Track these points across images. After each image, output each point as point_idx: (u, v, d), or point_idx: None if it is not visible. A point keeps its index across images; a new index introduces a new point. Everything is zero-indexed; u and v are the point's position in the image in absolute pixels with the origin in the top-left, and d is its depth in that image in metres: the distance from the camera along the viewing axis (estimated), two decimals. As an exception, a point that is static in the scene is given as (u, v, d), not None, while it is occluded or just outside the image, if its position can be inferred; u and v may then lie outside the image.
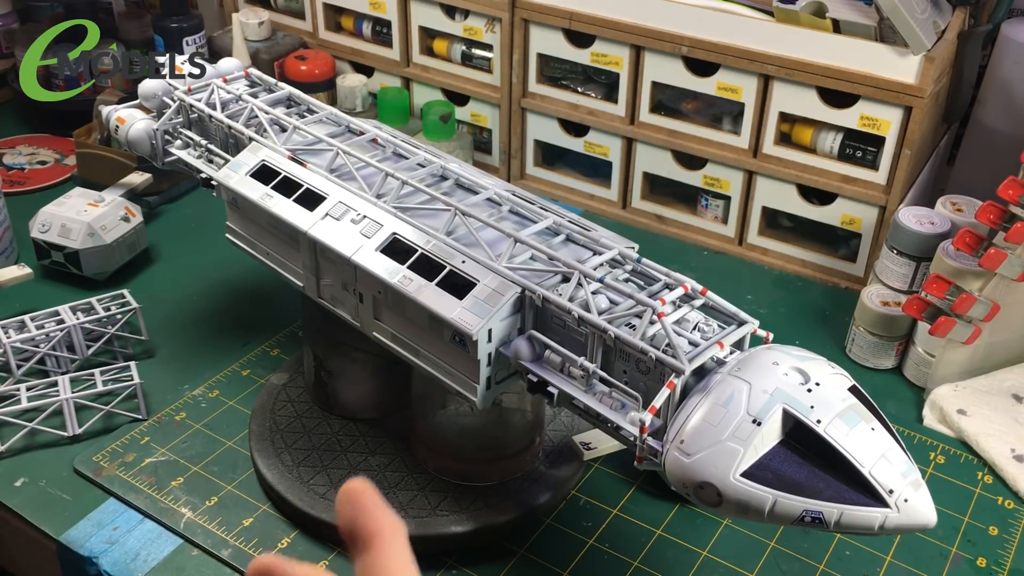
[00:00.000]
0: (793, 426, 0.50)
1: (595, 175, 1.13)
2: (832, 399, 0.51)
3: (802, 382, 0.51)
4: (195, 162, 0.80)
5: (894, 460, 0.50)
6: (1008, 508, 0.76)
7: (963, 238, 0.79)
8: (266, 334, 0.91)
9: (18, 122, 1.27)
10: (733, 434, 0.50)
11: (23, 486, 0.74)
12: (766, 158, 0.99)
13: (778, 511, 0.50)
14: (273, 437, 0.75)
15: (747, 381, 0.51)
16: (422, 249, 0.62)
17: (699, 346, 0.55)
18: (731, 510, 0.51)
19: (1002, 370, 0.86)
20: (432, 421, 0.72)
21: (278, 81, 0.82)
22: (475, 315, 0.58)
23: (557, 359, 0.58)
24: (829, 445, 0.49)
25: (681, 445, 0.51)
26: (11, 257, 0.99)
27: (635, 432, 0.54)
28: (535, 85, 1.09)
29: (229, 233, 0.77)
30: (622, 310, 0.57)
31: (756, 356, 0.53)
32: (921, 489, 0.50)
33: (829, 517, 0.49)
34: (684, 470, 0.51)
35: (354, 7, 1.18)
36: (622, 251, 0.61)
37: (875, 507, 0.49)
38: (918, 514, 0.49)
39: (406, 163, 0.71)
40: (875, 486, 0.49)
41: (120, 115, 0.84)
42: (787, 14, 0.92)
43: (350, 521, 0.35)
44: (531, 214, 0.66)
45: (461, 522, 0.69)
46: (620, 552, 0.70)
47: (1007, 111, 1.00)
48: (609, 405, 0.56)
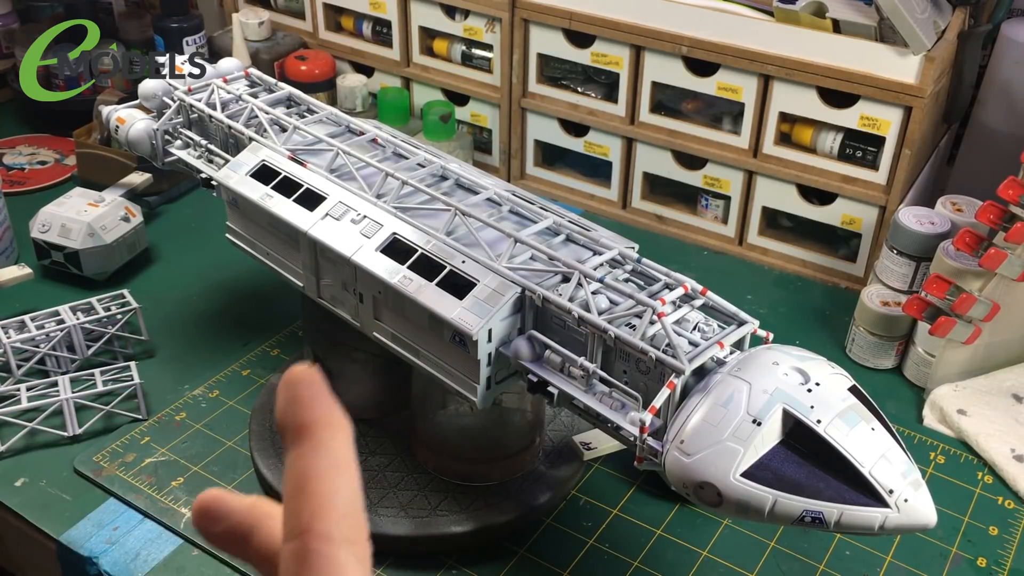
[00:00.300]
0: (793, 426, 0.50)
1: (595, 175, 1.13)
2: (832, 399, 0.51)
3: (802, 382, 0.51)
4: (195, 162, 0.80)
5: (894, 460, 0.50)
6: (1008, 508, 0.76)
7: (963, 238, 0.79)
8: (266, 334, 0.91)
9: (18, 122, 1.27)
10: (733, 434, 0.50)
11: (23, 486, 0.74)
12: (766, 158, 0.99)
13: (778, 511, 0.50)
14: (273, 437, 0.75)
15: (747, 381, 0.51)
16: (422, 249, 0.62)
17: (699, 346, 0.55)
18: (731, 510, 0.51)
19: (1002, 370, 0.86)
20: (432, 421, 0.72)
21: (278, 81, 0.82)
22: (475, 315, 0.58)
23: (557, 359, 0.58)
24: (829, 445, 0.49)
25: (681, 445, 0.51)
26: (11, 257, 0.99)
27: (635, 432, 0.54)
28: (535, 85, 1.09)
29: (229, 233, 0.77)
30: (622, 310, 0.57)
31: (756, 356, 0.53)
32: (921, 489, 0.50)
33: (829, 517, 0.49)
34: (684, 470, 0.51)
35: (354, 7, 1.18)
36: (622, 251, 0.62)
37: (875, 507, 0.49)
38: (918, 514, 0.50)
39: (406, 163, 0.71)
40: (875, 486, 0.49)
41: (120, 115, 0.85)
42: (787, 14, 0.92)
43: (283, 410, 0.29)
44: (531, 214, 0.66)
45: (461, 522, 0.69)
46: (620, 552, 0.70)
47: (1007, 111, 1.00)
48: (609, 405, 0.56)
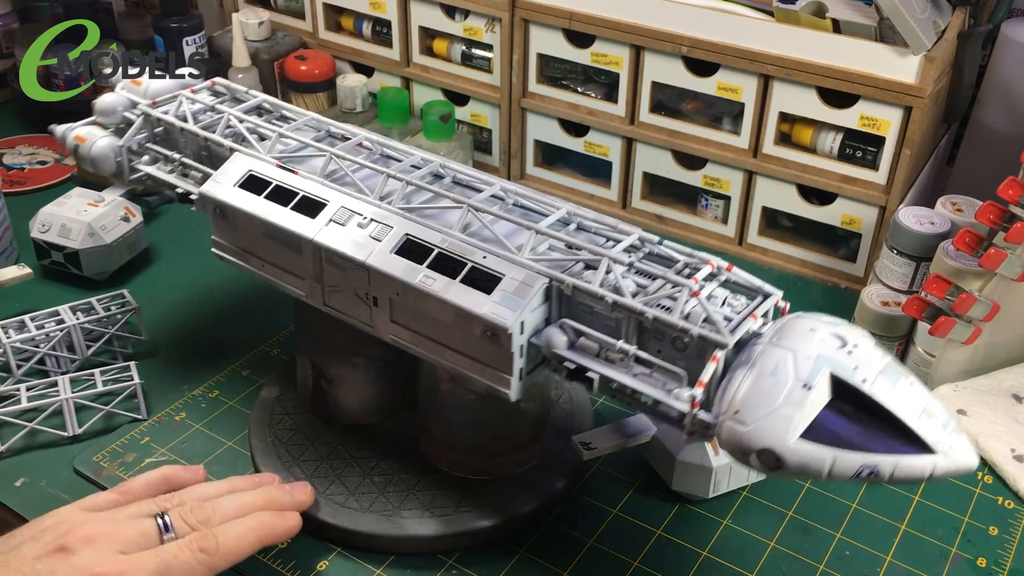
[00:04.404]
0: (839, 387, 0.53)
1: (595, 175, 1.13)
2: (871, 359, 0.54)
3: (840, 345, 0.54)
4: (168, 177, 0.77)
5: (935, 411, 0.53)
6: (1008, 508, 0.76)
7: (963, 238, 0.79)
8: (266, 334, 0.91)
9: (18, 122, 1.27)
10: (786, 400, 0.52)
11: (23, 486, 0.74)
12: (766, 158, 0.99)
13: (837, 469, 0.52)
14: (279, 451, 0.75)
15: (790, 349, 0.54)
16: (439, 248, 0.62)
17: (733, 320, 0.57)
18: (792, 472, 0.53)
19: (1002, 370, 0.86)
20: (445, 418, 0.73)
21: (249, 90, 0.80)
22: (508, 308, 0.58)
23: (593, 345, 0.59)
24: (875, 403, 0.52)
25: (736, 415, 0.53)
26: (11, 257, 0.99)
27: (686, 408, 0.56)
28: (535, 85, 1.09)
29: (216, 248, 0.74)
30: (651, 292, 0.59)
31: (792, 325, 0.56)
32: (962, 436, 0.53)
33: (885, 470, 0.52)
34: (742, 439, 0.53)
35: (354, 7, 1.18)
36: (641, 235, 0.63)
37: (925, 456, 0.52)
38: (962, 458, 0.52)
39: (400, 165, 0.70)
40: (923, 437, 0.52)
41: (79, 133, 0.80)
42: (787, 14, 0.92)
43: None
44: (539, 207, 0.67)
45: (487, 516, 0.70)
46: (620, 552, 0.70)
47: (1007, 111, 1.00)
48: (651, 384, 0.58)
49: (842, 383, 0.53)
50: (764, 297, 0.60)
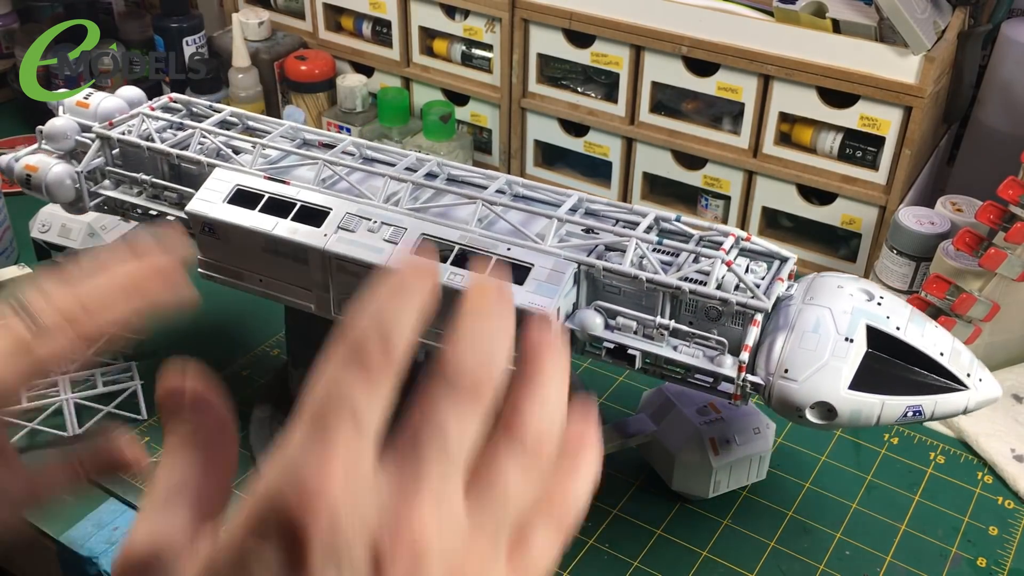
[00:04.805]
0: (875, 337, 0.57)
1: (595, 175, 1.13)
2: (898, 308, 0.59)
3: (868, 299, 0.58)
4: (138, 200, 0.74)
5: (960, 350, 0.58)
6: (1008, 508, 0.76)
7: (963, 238, 0.79)
8: (266, 334, 0.91)
9: (18, 122, 1.27)
10: (833, 354, 0.56)
11: (23, 486, 0.74)
12: (766, 158, 0.99)
13: (885, 413, 0.56)
14: (274, 438, 0.75)
15: (826, 307, 0.58)
16: (459, 244, 0.62)
17: (761, 285, 0.60)
18: (844, 421, 0.57)
19: (1002, 370, 0.86)
20: None
21: (212, 103, 0.78)
22: (544, 297, 0.59)
23: (631, 323, 0.60)
24: (910, 347, 0.57)
25: (786, 374, 0.57)
26: (11, 257, 0.99)
27: (733, 373, 0.58)
28: (535, 85, 1.09)
29: (206, 268, 0.71)
30: (681, 265, 0.61)
31: (821, 285, 0.60)
32: (985, 369, 0.59)
33: (927, 409, 0.57)
34: (795, 395, 0.56)
35: (354, 7, 1.18)
36: (657, 214, 0.64)
37: (960, 391, 0.57)
38: (990, 390, 0.58)
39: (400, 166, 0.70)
40: (956, 374, 0.57)
41: (29, 163, 0.75)
42: (787, 14, 0.92)
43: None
44: (548, 197, 0.67)
45: None
46: (620, 552, 0.70)
47: (1007, 111, 1.00)
48: (692, 355, 0.60)
49: (878, 332, 0.57)
50: (782, 262, 0.62)
